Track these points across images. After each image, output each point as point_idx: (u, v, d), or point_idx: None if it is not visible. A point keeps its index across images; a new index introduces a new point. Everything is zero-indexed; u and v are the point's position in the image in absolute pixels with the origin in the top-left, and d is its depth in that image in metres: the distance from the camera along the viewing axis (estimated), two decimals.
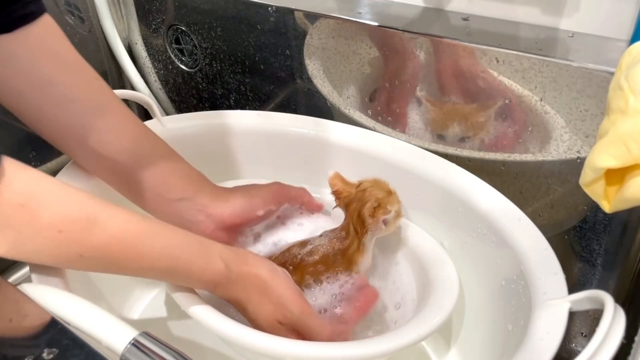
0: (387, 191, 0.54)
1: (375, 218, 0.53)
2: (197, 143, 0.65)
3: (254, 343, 0.45)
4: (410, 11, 0.65)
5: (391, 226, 0.55)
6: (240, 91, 0.80)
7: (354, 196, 0.54)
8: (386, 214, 0.53)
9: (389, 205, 0.53)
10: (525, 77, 0.56)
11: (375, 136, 0.64)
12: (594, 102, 0.54)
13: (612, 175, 0.34)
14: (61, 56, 0.50)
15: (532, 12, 0.59)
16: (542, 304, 0.44)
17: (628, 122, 0.32)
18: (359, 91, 0.69)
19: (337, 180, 0.56)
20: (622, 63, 0.36)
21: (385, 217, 0.53)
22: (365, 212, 0.52)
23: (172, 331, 0.62)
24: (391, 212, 0.53)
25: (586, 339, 0.64)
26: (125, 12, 0.86)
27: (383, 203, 0.53)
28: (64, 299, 0.39)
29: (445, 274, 0.54)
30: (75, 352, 0.34)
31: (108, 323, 0.38)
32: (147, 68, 0.89)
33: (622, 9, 0.54)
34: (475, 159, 0.63)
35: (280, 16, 0.69)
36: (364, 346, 0.46)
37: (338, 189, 0.55)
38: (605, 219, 0.58)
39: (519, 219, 0.52)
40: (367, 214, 0.52)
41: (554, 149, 0.58)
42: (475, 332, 0.58)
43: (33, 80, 0.48)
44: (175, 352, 0.36)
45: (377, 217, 0.53)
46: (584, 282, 0.62)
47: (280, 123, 0.67)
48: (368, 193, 0.53)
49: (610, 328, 0.36)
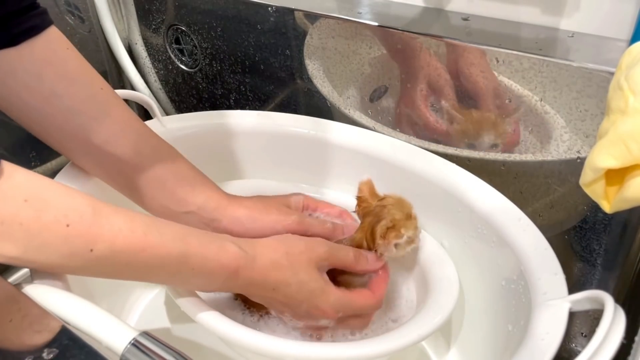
0: (407, 214, 0.52)
1: (386, 240, 0.51)
2: (197, 143, 0.65)
3: (255, 344, 0.45)
4: (410, 11, 0.65)
5: (401, 251, 0.52)
6: (240, 91, 0.80)
7: (372, 209, 0.52)
8: (398, 238, 0.51)
9: (404, 229, 0.51)
10: (525, 77, 0.56)
11: (375, 136, 0.64)
12: (594, 102, 0.54)
13: (612, 175, 0.34)
14: (66, 67, 0.50)
15: (532, 12, 0.59)
16: (542, 304, 0.44)
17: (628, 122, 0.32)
18: (359, 91, 0.69)
19: (366, 187, 0.54)
20: (622, 63, 0.36)
21: (397, 242, 0.51)
22: (378, 230, 0.51)
23: (171, 331, 0.62)
24: (403, 236, 0.51)
25: (586, 339, 0.64)
26: (125, 12, 0.86)
27: (398, 226, 0.51)
28: (64, 299, 0.39)
29: (445, 274, 0.54)
30: (75, 352, 0.34)
31: (108, 323, 0.38)
32: (147, 68, 0.89)
33: (622, 9, 0.54)
34: (475, 159, 0.63)
35: (280, 16, 0.69)
36: (364, 346, 0.46)
37: (363, 195, 0.54)
38: (605, 219, 0.58)
39: (519, 219, 0.52)
40: (379, 233, 0.51)
41: (554, 149, 0.58)
42: (475, 332, 0.58)
43: (38, 92, 0.48)
44: (175, 352, 0.36)
45: (389, 240, 0.51)
46: (584, 282, 0.62)
47: (280, 123, 0.67)
48: (386, 211, 0.51)
49: (610, 328, 0.36)
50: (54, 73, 0.49)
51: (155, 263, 0.42)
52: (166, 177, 0.53)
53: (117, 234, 0.40)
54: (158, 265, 0.42)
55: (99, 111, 0.51)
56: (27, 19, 0.47)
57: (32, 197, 0.37)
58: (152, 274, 0.43)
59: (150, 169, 0.52)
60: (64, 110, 0.49)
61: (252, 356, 0.52)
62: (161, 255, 0.42)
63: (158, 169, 0.52)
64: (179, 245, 0.43)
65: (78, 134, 0.50)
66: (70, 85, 0.50)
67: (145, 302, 0.66)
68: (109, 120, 0.51)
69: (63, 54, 0.50)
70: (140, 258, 0.41)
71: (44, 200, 0.37)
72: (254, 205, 0.55)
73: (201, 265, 0.44)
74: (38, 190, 0.38)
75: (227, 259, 0.45)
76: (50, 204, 0.37)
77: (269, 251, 0.47)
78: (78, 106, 0.50)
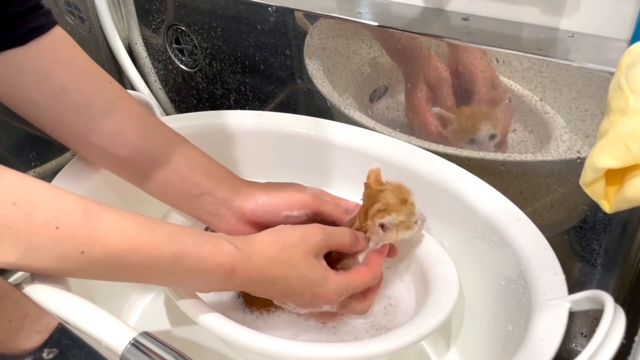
0: (402, 199, 0.52)
1: (372, 221, 0.51)
2: (197, 143, 0.64)
3: (255, 344, 0.45)
4: (410, 11, 0.65)
5: (391, 235, 0.52)
6: (240, 91, 0.80)
7: (371, 193, 0.53)
8: (383, 217, 0.51)
9: (395, 213, 0.51)
10: (525, 77, 0.56)
11: (375, 136, 0.64)
12: (594, 102, 0.54)
13: (612, 175, 0.34)
14: (73, 64, 0.50)
15: (532, 12, 0.59)
16: (542, 304, 0.44)
17: (628, 122, 0.32)
18: (359, 91, 0.69)
19: (373, 175, 0.54)
20: (622, 63, 0.36)
21: (382, 222, 0.51)
22: (370, 212, 0.51)
23: (171, 332, 0.62)
24: (389, 217, 0.51)
25: (586, 339, 0.64)
26: (125, 12, 0.86)
27: (389, 209, 0.51)
28: (64, 299, 0.39)
29: (445, 274, 0.54)
30: (75, 352, 0.34)
31: (108, 323, 0.38)
32: (147, 68, 0.89)
33: (622, 9, 0.54)
34: (475, 159, 0.63)
35: (280, 16, 0.69)
36: (364, 346, 0.46)
37: (368, 182, 0.54)
38: (605, 219, 0.58)
39: (519, 219, 0.52)
40: (370, 215, 0.51)
41: (554, 149, 0.58)
42: (475, 332, 0.58)
43: (47, 89, 0.49)
44: (175, 352, 0.36)
45: (374, 221, 0.51)
46: (584, 282, 0.62)
47: (280, 123, 0.67)
48: (382, 195, 0.52)
49: (610, 328, 0.36)
50: (61, 70, 0.49)
51: (148, 264, 0.41)
52: (179, 163, 0.53)
53: (109, 235, 0.39)
54: (152, 265, 0.41)
55: (108, 104, 0.51)
56: (33, 19, 0.48)
57: (21, 200, 0.36)
58: (146, 275, 0.42)
59: (162, 157, 0.52)
60: (73, 105, 0.49)
61: (252, 356, 0.52)
62: (154, 255, 0.41)
63: (171, 156, 0.53)
64: (172, 244, 0.42)
65: (89, 127, 0.50)
66: (79, 81, 0.50)
67: (144, 302, 0.66)
68: (119, 112, 0.51)
69: (69, 52, 0.51)
70: (133, 259, 0.40)
71: (33, 203, 0.37)
72: (268, 184, 0.56)
73: (196, 265, 0.43)
74: (27, 192, 0.37)
75: (223, 258, 0.44)
76: (39, 206, 0.37)
77: (264, 247, 0.47)
78: (87, 101, 0.50)
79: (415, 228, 0.53)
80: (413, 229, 0.53)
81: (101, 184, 0.55)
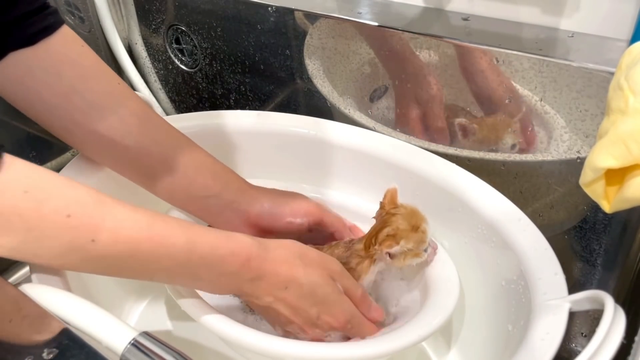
0: (414, 226, 0.51)
1: (380, 247, 0.50)
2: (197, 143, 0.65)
3: (255, 344, 0.45)
4: (410, 11, 0.65)
5: (398, 261, 0.52)
6: (240, 91, 0.80)
7: (383, 216, 0.52)
8: (390, 247, 0.50)
9: (404, 240, 0.50)
10: (525, 77, 0.56)
11: (375, 136, 0.64)
12: (594, 102, 0.54)
13: (612, 175, 0.34)
14: (83, 64, 0.50)
15: (532, 12, 0.59)
16: (542, 304, 0.44)
17: (628, 122, 0.32)
18: (359, 91, 0.69)
19: (389, 195, 0.53)
20: (622, 63, 0.36)
21: (390, 251, 0.50)
22: (379, 237, 0.50)
23: (171, 331, 0.62)
24: (396, 247, 0.50)
25: (586, 339, 0.64)
26: (125, 12, 0.86)
27: (399, 235, 0.50)
28: (64, 299, 0.39)
29: (445, 274, 0.54)
30: (75, 352, 0.34)
31: (108, 323, 0.38)
32: (147, 68, 0.89)
33: (622, 9, 0.54)
34: (475, 159, 0.63)
35: (280, 16, 0.69)
36: (364, 346, 0.46)
37: (383, 202, 0.53)
38: (605, 219, 0.58)
39: (519, 219, 0.52)
40: (379, 239, 0.50)
41: (554, 149, 0.58)
42: (476, 333, 0.58)
43: (56, 90, 0.48)
44: (175, 352, 0.36)
45: (382, 248, 0.50)
46: (584, 282, 0.62)
47: (280, 123, 0.67)
48: (393, 219, 0.51)
49: (610, 328, 0.36)
50: (71, 70, 0.49)
51: (161, 252, 0.40)
52: (187, 165, 0.53)
53: (121, 224, 0.39)
54: (164, 255, 0.40)
55: (117, 105, 0.51)
56: (41, 19, 0.48)
57: (33, 189, 0.36)
58: (157, 267, 0.41)
59: (170, 158, 0.52)
60: (83, 106, 0.49)
61: (253, 356, 0.52)
62: (167, 244, 0.40)
63: (178, 158, 0.53)
64: (185, 233, 0.41)
65: (97, 128, 0.50)
66: (89, 81, 0.50)
67: (144, 302, 0.66)
68: (127, 113, 0.51)
69: (79, 51, 0.50)
70: (145, 248, 0.39)
71: (45, 191, 0.37)
72: (275, 190, 0.56)
73: (210, 252, 0.42)
74: (39, 181, 0.37)
75: (239, 246, 0.43)
76: (51, 195, 0.37)
77: (282, 247, 0.46)
78: (97, 101, 0.50)
79: (424, 256, 0.52)
80: (421, 257, 0.52)
81: (101, 184, 0.55)
